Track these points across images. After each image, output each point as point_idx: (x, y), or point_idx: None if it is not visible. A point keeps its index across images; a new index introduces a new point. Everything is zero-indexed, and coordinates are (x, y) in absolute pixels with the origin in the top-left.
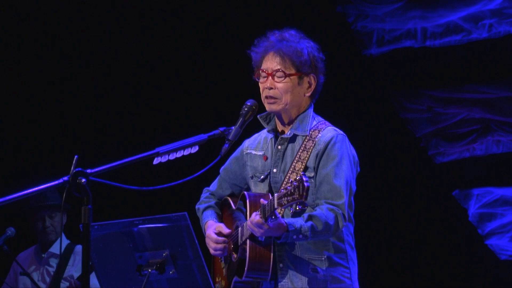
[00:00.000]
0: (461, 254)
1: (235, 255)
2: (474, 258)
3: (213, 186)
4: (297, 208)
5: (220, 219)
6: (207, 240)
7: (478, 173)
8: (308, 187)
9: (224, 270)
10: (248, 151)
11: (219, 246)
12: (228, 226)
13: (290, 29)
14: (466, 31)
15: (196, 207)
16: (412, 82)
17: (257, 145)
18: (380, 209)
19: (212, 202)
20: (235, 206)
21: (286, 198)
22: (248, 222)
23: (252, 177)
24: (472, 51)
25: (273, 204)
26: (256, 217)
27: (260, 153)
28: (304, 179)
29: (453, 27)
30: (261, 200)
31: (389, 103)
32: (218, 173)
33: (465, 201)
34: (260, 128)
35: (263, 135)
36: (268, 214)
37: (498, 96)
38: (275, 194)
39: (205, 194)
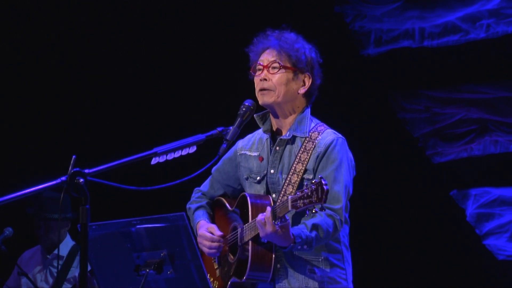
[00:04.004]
0: (459, 254)
1: (231, 256)
2: (472, 258)
3: (205, 186)
4: (313, 211)
5: (212, 219)
6: (200, 239)
7: (476, 173)
8: (327, 190)
9: (217, 271)
10: (242, 152)
11: (214, 244)
12: (222, 227)
13: (290, 32)
14: (464, 31)
15: (187, 206)
16: (410, 82)
17: (251, 146)
18: (378, 209)
19: (204, 202)
20: (231, 207)
21: (302, 201)
22: (257, 222)
23: (247, 178)
24: (470, 51)
25: (287, 206)
26: (265, 218)
27: (255, 154)
28: (323, 182)
29: (451, 27)
30: (270, 202)
31: (387, 103)
32: (210, 174)
33: (463, 201)
34: (255, 128)
35: (257, 136)
36: (280, 216)
37: (496, 96)
38: (289, 197)
39: (196, 194)
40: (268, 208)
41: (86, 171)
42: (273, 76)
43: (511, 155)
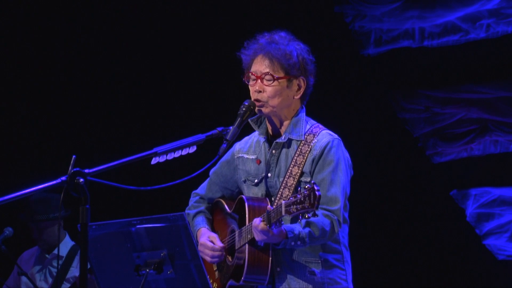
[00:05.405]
0: (459, 254)
1: (229, 259)
2: (472, 258)
3: (203, 189)
4: (307, 216)
5: (211, 224)
6: (201, 248)
7: (476, 173)
8: (319, 196)
9: (216, 273)
10: (240, 155)
11: (216, 254)
12: (221, 229)
13: (280, 31)
14: (463, 31)
15: (186, 212)
16: (410, 82)
17: (248, 148)
18: (378, 209)
19: (202, 207)
20: (229, 209)
21: (295, 206)
22: (253, 227)
23: (245, 181)
24: (470, 51)
25: (281, 212)
26: (261, 223)
27: (253, 157)
28: (315, 188)
29: (451, 27)
30: (268, 206)
31: (387, 103)
32: (208, 176)
33: (463, 201)
34: (251, 130)
35: (254, 138)
36: (274, 220)
37: (496, 96)
38: (283, 202)
39: (194, 198)
40: (264, 213)
41: (86, 171)
42: (267, 88)
43: (511, 155)
